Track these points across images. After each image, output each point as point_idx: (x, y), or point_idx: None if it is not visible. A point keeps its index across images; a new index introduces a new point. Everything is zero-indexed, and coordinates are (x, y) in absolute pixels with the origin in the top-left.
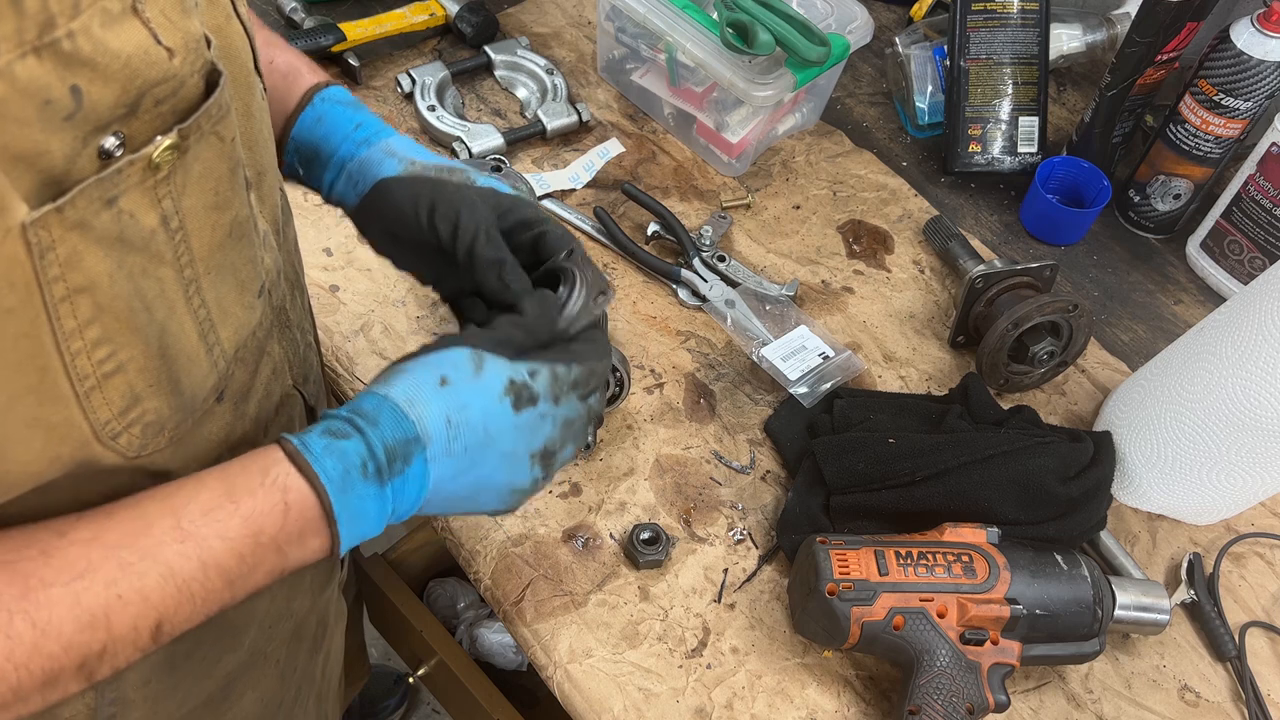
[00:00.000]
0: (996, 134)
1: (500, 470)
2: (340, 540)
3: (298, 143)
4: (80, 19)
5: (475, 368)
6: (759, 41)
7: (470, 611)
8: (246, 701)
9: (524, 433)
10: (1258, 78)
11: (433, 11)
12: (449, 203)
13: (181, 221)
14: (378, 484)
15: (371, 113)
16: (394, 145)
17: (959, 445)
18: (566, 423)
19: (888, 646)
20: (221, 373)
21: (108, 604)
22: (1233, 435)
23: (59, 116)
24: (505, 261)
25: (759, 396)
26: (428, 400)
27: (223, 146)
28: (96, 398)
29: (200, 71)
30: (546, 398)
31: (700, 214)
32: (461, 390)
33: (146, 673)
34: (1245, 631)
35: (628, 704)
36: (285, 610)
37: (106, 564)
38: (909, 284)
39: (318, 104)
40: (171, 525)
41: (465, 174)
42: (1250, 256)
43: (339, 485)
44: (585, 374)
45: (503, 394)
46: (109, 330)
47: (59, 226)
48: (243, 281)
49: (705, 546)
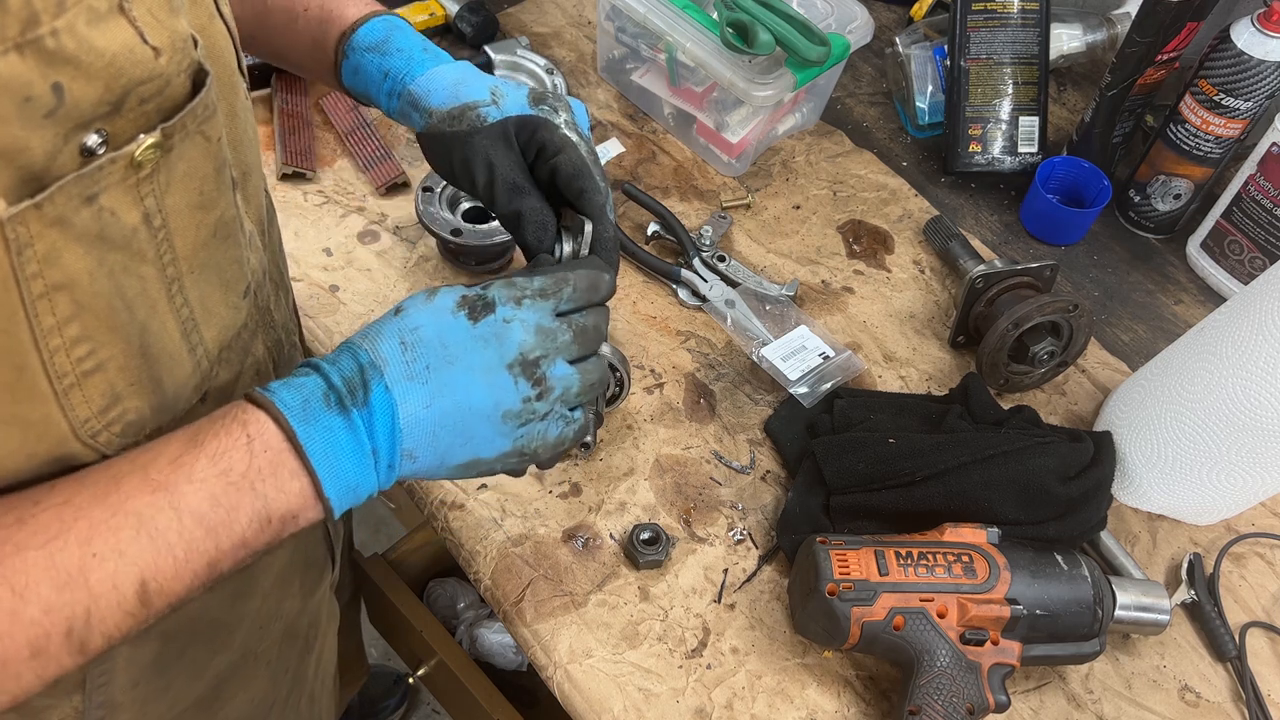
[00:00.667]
0: (997, 134)
1: (477, 388)
2: (321, 479)
3: (351, 91)
4: (65, 17)
5: (428, 294)
6: (759, 41)
7: (470, 611)
8: (237, 702)
9: (489, 343)
10: (1258, 78)
11: (432, 11)
12: (462, 158)
13: (165, 220)
14: (341, 413)
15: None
16: (415, 93)
17: (959, 445)
18: (542, 330)
19: (888, 647)
20: (204, 372)
21: (83, 562)
22: (1233, 435)
23: (39, 113)
24: (521, 213)
25: (759, 396)
26: (380, 331)
27: (208, 146)
28: (76, 395)
29: (187, 71)
30: (505, 302)
31: (700, 214)
32: (413, 314)
33: (135, 674)
34: (1245, 632)
35: (628, 704)
36: (276, 611)
37: (78, 523)
38: (909, 284)
39: (350, 55)
40: (141, 479)
41: (478, 113)
42: (1250, 256)
43: (299, 415)
44: (551, 281)
45: (455, 308)
46: (88, 328)
47: (38, 223)
48: (227, 281)
49: (705, 546)
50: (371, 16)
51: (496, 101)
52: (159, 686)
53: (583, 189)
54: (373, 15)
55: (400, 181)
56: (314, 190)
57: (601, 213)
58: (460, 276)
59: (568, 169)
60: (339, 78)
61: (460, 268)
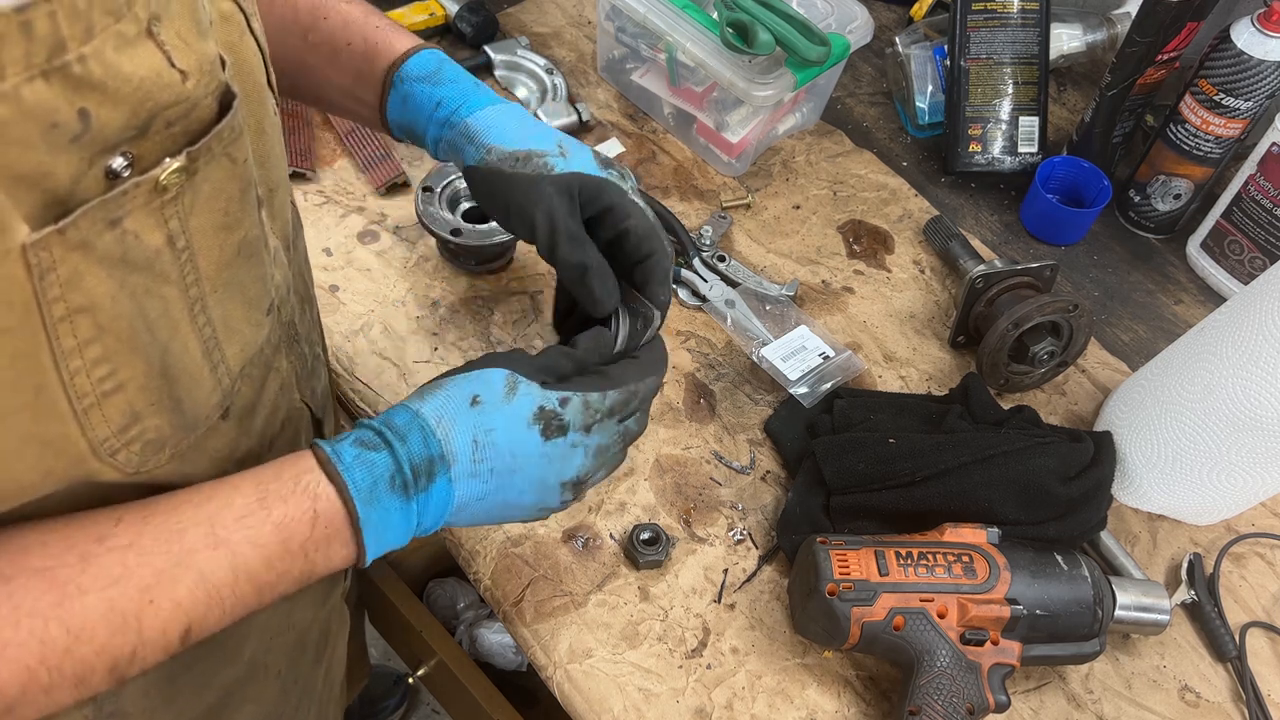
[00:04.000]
0: (997, 134)
1: (528, 494)
2: (366, 551)
3: (394, 123)
4: (93, 43)
5: (508, 390)
6: (759, 41)
7: (470, 612)
8: (245, 714)
9: (553, 462)
10: (1258, 77)
11: (432, 11)
12: (522, 203)
13: (188, 241)
14: (403, 498)
15: (456, 76)
16: (474, 127)
17: (959, 445)
18: (601, 450)
19: (888, 647)
20: (226, 390)
21: (140, 609)
22: (1233, 435)
23: (65, 139)
24: (589, 267)
25: (759, 396)
26: (455, 419)
27: (234, 168)
28: (95, 415)
29: (214, 93)
30: (577, 427)
31: (700, 214)
32: (490, 412)
33: (145, 685)
34: (1245, 632)
35: (628, 704)
36: (286, 623)
37: (141, 570)
38: (909, 284)
39: (399, 85)
40: (206, 532)
41: (544, 160)
42: (1250, 256)
43: (366, 496)
44: (623, 398)
45: (531, 421)
46: (109, 350)
47: (60, 247)
48: (251, 299)
49: (705, 547)
50: (423, 48)
51: (564, 154)
52: (168, 696)
53: (652, 250)
54: (423, 47)
55: (400, 181)
56: (314, 190)
57: (666, 278)
58: (460, 276)
59: (639, 230)
60: (383, 109)
61: (460, 267)
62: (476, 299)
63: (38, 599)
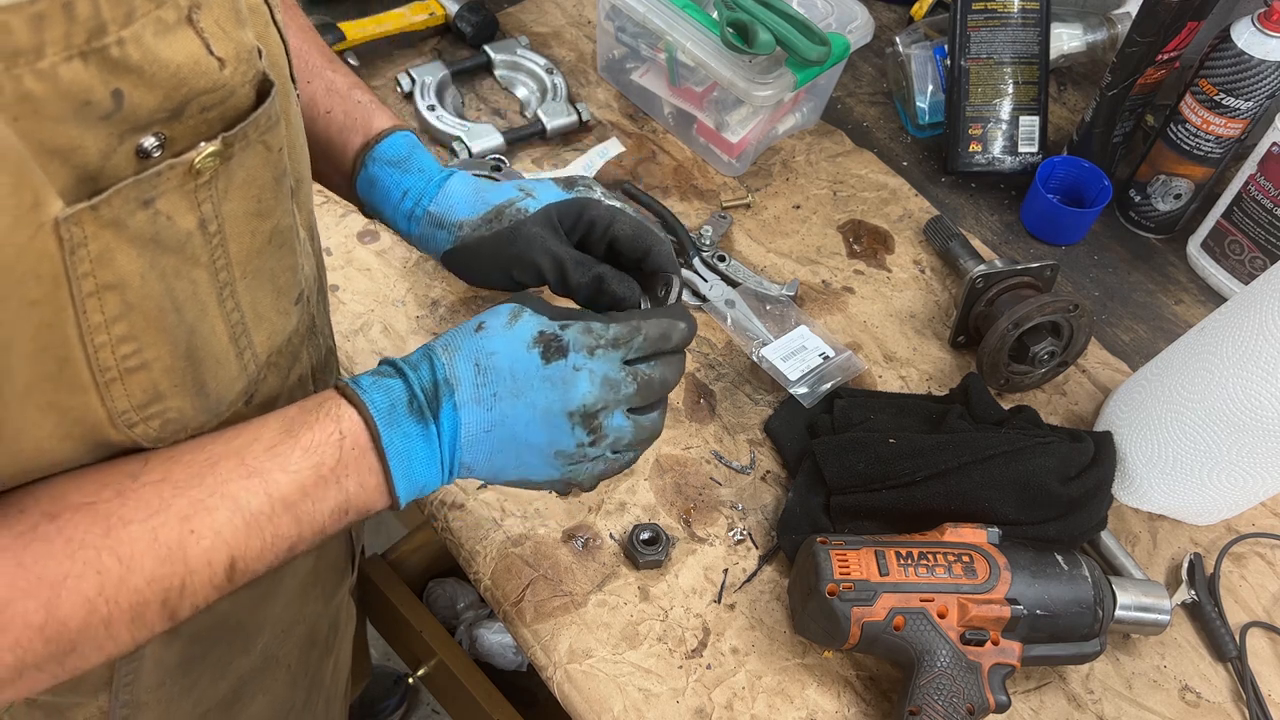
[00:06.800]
0: (997, 134)
1: (536, 427)
2: (394, 477)
3: (363, 201)
4: (132, 27)
5: (511, 318)
6: (759, 41)
7: (470, 612)
8: (257, 706)
9: (555, 386)
10: (1258, 77)
11: (432, 11)
12: (513, 253)
13: (220, 226)
14: (421, 424)
15: (424, 165)
16: (437, 212)
17: (959, 445)
18: (608, 382)
19: (888, 647)
20: (252, 377)
21: (182, 538)
22: (1233, 435)
23: (96, 115)
24: (604, 276)
25: (759, 396)
26: (460, 346)
27: (269, 155)
28: (116, 389)
29: (251, 81)
30: (578, 349)
31: (700, 214)
32: (492, 337)
33: (161, 675)
34: (1246, 632)
35: (627, 704)
36: (298, 615)
37: (178, 500)
38: (909, 284)
39: (369, 166)
40: (237, 463)
41: (515, 208)
42: (1251, 256)
43: (386, 418)
44: (626, 331)
45: (531, 343)
46: (135, 328)
47: (93, 224)
48: (280, 288)
49: (705, 547)
50: (398, 129)
51: (529, 194)
52: (183, 687)
53: (649, 245)
54: (399, 129)
55: None
56: (313, 189)
57: (672, 262)
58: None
59: (628, 231)
60: (353, 184)
61: None
62: (476, 299)
63: (87, 530)
